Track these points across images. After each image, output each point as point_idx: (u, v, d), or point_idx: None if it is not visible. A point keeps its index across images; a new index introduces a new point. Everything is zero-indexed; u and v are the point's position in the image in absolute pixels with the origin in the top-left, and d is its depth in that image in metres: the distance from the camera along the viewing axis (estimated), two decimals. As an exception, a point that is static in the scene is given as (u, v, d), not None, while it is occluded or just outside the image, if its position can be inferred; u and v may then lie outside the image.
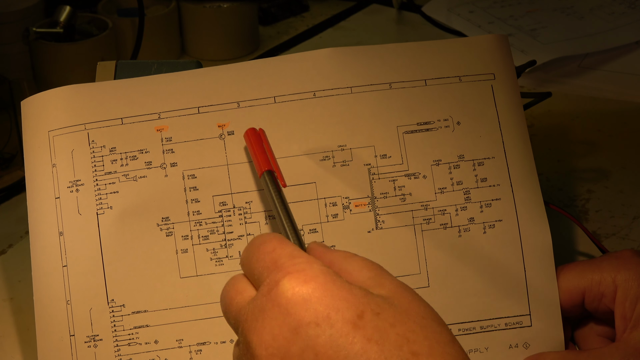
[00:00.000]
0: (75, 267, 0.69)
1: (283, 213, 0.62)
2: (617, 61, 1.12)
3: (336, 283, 0.54)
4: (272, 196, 0.63)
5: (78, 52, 1.06)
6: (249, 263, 0.58)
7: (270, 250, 0.56)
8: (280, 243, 0.57)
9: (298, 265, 0.55)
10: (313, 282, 0.53)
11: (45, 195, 0.71)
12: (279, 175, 0.64)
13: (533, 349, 0.70)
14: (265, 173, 0.64)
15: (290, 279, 0.54)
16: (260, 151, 0.66)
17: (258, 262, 0.57)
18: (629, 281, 0.67)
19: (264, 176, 0.64)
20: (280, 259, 0.56)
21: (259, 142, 0.67)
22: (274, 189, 0.63)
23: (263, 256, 0.56)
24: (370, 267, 0.57)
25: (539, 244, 0.71)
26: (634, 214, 0.88)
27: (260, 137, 0.68)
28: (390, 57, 0.73)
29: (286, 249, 0.56)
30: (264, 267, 0.56)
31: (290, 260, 0.55)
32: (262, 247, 0.57)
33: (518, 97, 0.74)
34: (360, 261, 0.57)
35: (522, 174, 0.72)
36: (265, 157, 0.66)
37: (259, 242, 0.58)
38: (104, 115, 0.71)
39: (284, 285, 0.54)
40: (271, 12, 1.25)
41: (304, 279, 0.54)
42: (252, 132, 0.68)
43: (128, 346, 0.69)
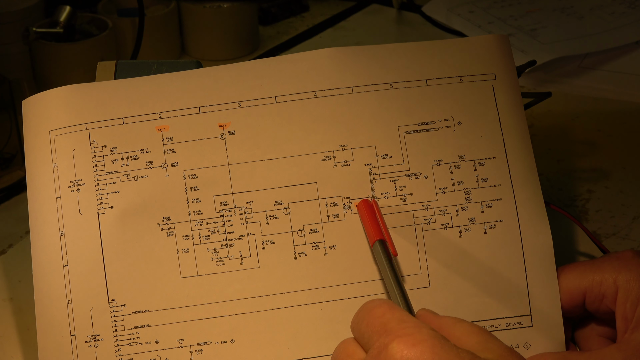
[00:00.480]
0: (76, 267, 0.69)
1: (394, 281, 0.64)
2: (617, 61, 1.12)
3: (444, 347, 0.55)
4: (385, 264, 0.66)
5: (78, 52, 1.06)
6: (358, 327, 0.60)
7: (380, 315, 0.58)
8: (390, 308, 0.59)
9: (407, 330, 0.56)
10: (421, 346, 0.55)
11: (46, 195, 0.71)
12: (390, 245, 0.67)
13: (534, 349, 0.70)
14: (377, 242, 0.67)
15: (400, 342, 0.55)
16: (373, 221, 0.68)
17: (368, 326, 0.58)
18: (630, 282, 0.67)
19: (376, 245, 0.67)
20: (390, 323, 0.57)
21: (371, 212, 0.69)
22: (385, 258, 0.66)
23: (373, 320, 0.58)
24: (478, 332, 0.58)
25: (540, 245, 0.71)
26: (634, 214, 0.88)
27: (372, 207, 0.69)
28: (391, 57, 0.73)
29: (396, 313, 0.58)
30: (374, 331, 0.58)
31: (399, 324, 0.57)
32: (372, 311, 0.59)
33: (519, 98, 0.74)
34: (469, 326, 0.59)
35: (522, 174, 0.72)
36: (378, 227, 0.68)
37: (370, 307, 0.60)
38: (105, 115, 0.71)
39: (392, 349, 0.55)
40: (271, 12, 1.25)
41: (413, 343, 0.55)
42: (365, 203, 0.70)
43: (129, 346, 0.69)
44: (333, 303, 0.69)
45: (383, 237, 0.67)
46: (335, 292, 0.70)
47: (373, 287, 0.70)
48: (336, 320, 0.69)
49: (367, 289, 0.70)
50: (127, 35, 1.12)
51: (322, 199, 0.71)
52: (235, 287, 0.70)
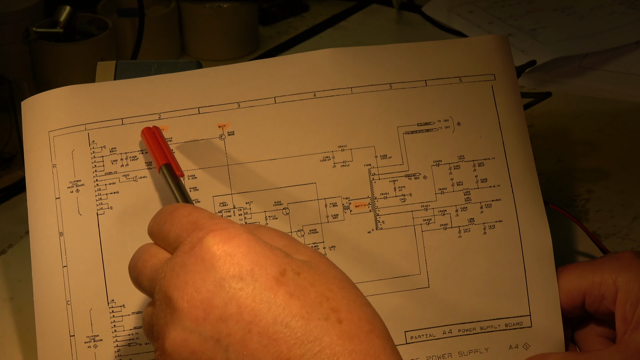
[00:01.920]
0: (76, 268, 0.69)
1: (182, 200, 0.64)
2: (617, 61, 1.12)
3: (259, 242, 0.55)
4: (172, 186, 0.65)
5: (78, 52, 1.06)
6: (160, 228, 0.59)
7: (187, 214, 0.58)
8: (195, 207, 0.59)
9: (220, 224, 0.56)
10: (237, 239, 0.55)
11: (46, 195, 0.71)
12: (175, 168, 0.66)
13: (533, 349, 0.70)
14: (163, 166, 0.67)
15: (215, 235, 0.55)
16: (157, 147, 0.68)
17: (174, 225, 0.58)
18: (630, 283, 0.67)
19: (162, 169, 0.67)
20: (200, 219, 0.57)
21: (154, 139, 0.69)
22: (172, 180, 0.66)
23: (180, 219, 0.58)
24: (283, 236, 0.58)
25: (539, 245, 0.71)
26: (634, 214, 0.88)
27: (155, 134, 0.69)
28: (390, 58, 0.73)
29: (203, 212, 0.58)
30: (182, 228, 0.57)
31: (210, 220, 0.57)
32: (176, 212, 0.58)
33: (518, 98, 0.74)
34: (273, 230, 0.59)
35: (522, 175, 0.72)
36: (162, 152, 0.68)
37: (171, 208, 0.59)
38: (105, 115, 0.71)
39: (208, 241, 0.55)
40: (271, 12, 1.25)
41: (228, 236, 0.55)
42: (147, 131, 0.69)
43: (128, 346, 0.69)
44: None
45: (167, 161, 0.67)
46: (334, 292, 0.70)
47: (373, 288, 0.70)
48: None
49: (367, 289, 0.70)
50: (127, 35, 1.12)
51: (322, 199, 0.71)
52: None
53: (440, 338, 0.70)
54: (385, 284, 0.70)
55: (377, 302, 0.70)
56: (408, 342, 0.70)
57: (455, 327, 0.70)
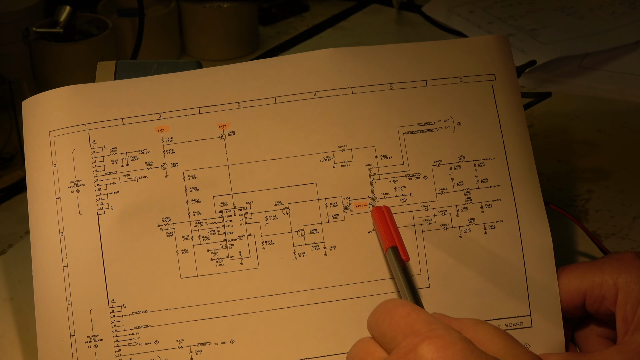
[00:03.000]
0: (76, 267, 0.69)
1: (407, 286, 0.64)
2: (617, 61, 1.12)
3: (474, 352, 0.54)
4: (397, 270, 0.65)
5: (78, 52, 1.06)
6: (378, 326, 0.58)
7: (405, 315, 0.57)
8: (414, 309, 0.58)
9: (436, 332, 0.55)
10: (452, 349, 0.54)
11: (46, 195, 0.71)
12: (401, 251, 0.66)
13: (533, 349, 0.70)
14: (389, 249, 0.66)
15: (430, 343, 0.54)
16: (385, 227, 0.68)
17: (391, 326, 0.57)
18: (631, 284, 0.67)
19: (389, 252, 0.66)
20: (417, 323, 0.56)
21: (383, 219, 0.68)
22: (397, 264, 0.65)
23: (397, 320, 0.57)
24: (502, 336, 0.57)
25: (540, 245, 0.71)
26: (634, 214, 0.88)
27: (384, 214, 0.69)
28: (390, 58, 0.73)
29: (421, 315, 0.57)
30: (399, 331, 0.56)
31: (427, 325, 0.56)
32: (394, 310, 0.58)
33: (519, 98, 0.74)
34: (491, 329, 0.57)
35: (522, 175, 0.72)
36: (390, 234, 0.67)
37: (390, 306, 0.58)
38: (105, 115, 0.71)
39: (422, 349, 0.54)
40: (271, 12, 1.25)
41: (443, 345, 0.54)
42: (377, 211, 0.69)
43: (128, 346, 0.69)
44: (333, 303, 0.69)
45: (395, 244, 0.67)
46: (334, 292, 0.70)
47: (373, 288, 0.70)
48: (336, 321, 0.69)
49: (367, 289, 0.70)
50: (127, 35, 1.12)
51: (322, 199, 0.71)
52: (235, 288, 0.70)
53: (441, 338, 0.70)
54: (386, 284, 0.70)
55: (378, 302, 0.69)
56: (408, 342, 0.70)
57: (455, 327, 0.70)
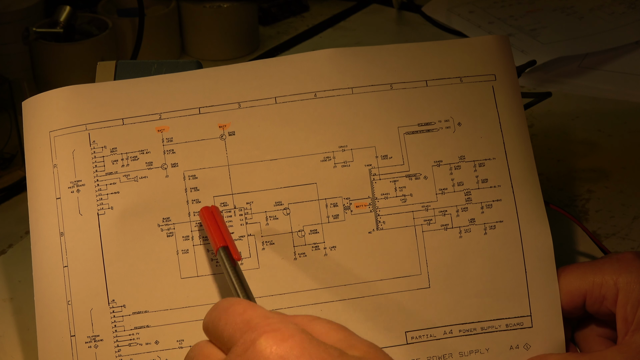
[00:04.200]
0: (76, 268, 0.69)
1: (238, 285, 0.63)
2: (617, 61, 1.12)
3: (312, 342, 0.54)
4: (228, 270, 0.64)
5: (78, 52, 1.06)
6: (215, 326, 0.57)
7: (241, 312, 0.56)
8: (250, 305, 0.57)
9: (273, 325, 0.55)
10: (290, 341, 0.54)
11: (46, 195, 0.71)
12: (232, 250, 0.65)
13: (534, 350, 0.70)
14: (220, 249, 0.66)
15: (268, 337, 0.54)
16: (215, 227, 0.67)
17: (227, 324, 0.56)
18: (631, 284, 0.67)
19: (219, 252, 0.66)
20: (254, 319, 0.55)
21: (212, 219, 0.68)
22: (228, 264, 0.65)
23: (233, 318, 0.56)
24: (338, 329, 0.57)
25: (540, 245, 0.71)
26: (634, 214, 0.88)
27: (212, 214, 0.68)
28: (391, 58, 0.73)
29: (257, 310, 0.56)
30: (236, 328, 0.56)
31: (264, 320, 0.55)
32: (230, 309, 0.57)
33: (519, 98, 0.74)
34: (328, 323, 0.57)
35: (522, 175, 0.72)
36: (219, 233, 0.66)
37: (226, 305, 0.57)
38: (105, 115, 0.71)
39: (260, 344, 0.54)
40: (271, 12, 1.25)
41: (281, 338, 0.54)
42: (205, 211, 0.68)
43: (129, 346, 0.69)
44: (333, 304, 0.69)
45: (225, 244, 0.66)
46: (335, 292, 0.70)
47: (373, 288, 0.70)
48: (336, 321, 0.69)
49: (367, 289, 0.70)
50: (127, 35, 1.12)
51: (322, 199, 0.71)
52: (235, 288, 0.70)
53: (441, 338, 0.70)
54: (386, 284, 0.70)
55: (378, 302, 0.70)
56: (409, 342, 0.70)
57: (455, 328, 0.70)
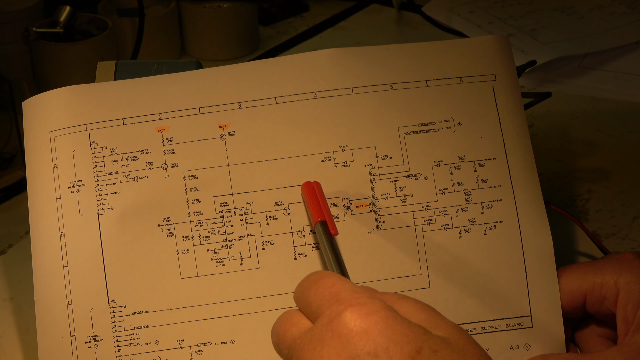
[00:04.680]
0: (76, 268, 0.69)
1: (334, 260, 0.64)
2: (617, 61, 1.12)
3: (397, 319, 0.55)
4: (325, 244, 0.65)
5: (78, 52, 1.06)
6: (304, 296, 0.59)
7: (330, 285, 0.58)
8: (340, 279, 0.58)
9: (360, 299, 0.55)
10: (375, 315, 0.54)
11: (46, 195, 0.71)
12: (330, 225, 0.66)
13: (534, 350, 0.70)
14: (318, 223, 0.66)
15: (353, 310, 0.55)
16: (315, 203, 0.68)
17: (317, 295, 0.58)
18: (631, 284, 0.67)
19: (317, 226, 0.66)
20: (342, 292, 0.57)
21: (313, 194, 0.68)
22: (326, 238, 0.66)
23: (323, 290, 0.58)
24: (424, 309, 0.57)
25: (540, 245, 0.71)
26: (634, 214, 0.88)
27: (314, 190, 0.69)
28: (391, 58, 0.73)
29: (346, 284, 0.58)
30: (324, 300, 0.57)
31: (351, 294, 0.56)
32: (320, 281, 0.58)
33: (519, 98, 0.74)
34: (414, 302, 0.58)
35: (523, 175, 0.72)
36: (319, 209, 0.67)
37: (317, 277, 0.59)
38: (105, 115, 0.71)
39: (346, 316, 0.55)
40: (271, 12, 1.25)
41: (366, 312, 0.55)
42: (307, 186, 0.69)
43: (129, 346, 0.69)
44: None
45: (324, 218, 0.67)
46: (335, 292, 0.70)
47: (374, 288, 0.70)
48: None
49: (367, 289, 0.70)
50: (127, 35, 1.12)
51: (322, 199, 0.71)
52: (235, 288, 0.70)
53: (441, 338, 0.70)
54: (386, 284, 0.70)
55: (378, 302, 0.70)
56: (409, 342, 0.70)
57: (456, 328, 0.70)
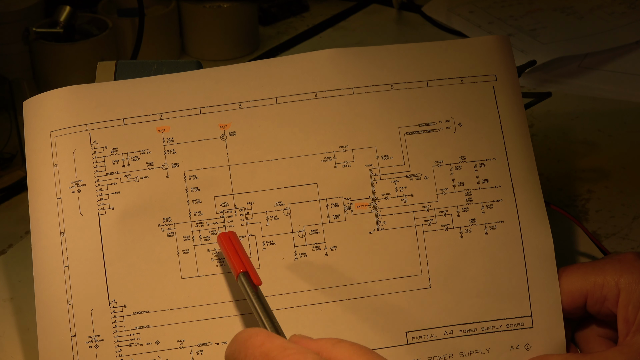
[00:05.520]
0: (77, 268, 0.69)
1: (262, 310, 0.63)
2: (617, 61, 1.12)
3: None
4: (250, 296, 0.64)
5: (78, 52, 1.06)
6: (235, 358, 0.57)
7: (259, 344, 0.56)
8: (268, 336, 0.57)
9: (291, 356, 0.54)
10: None
11: (47, 195, 0.71)
12: (253, 275, 0.65)
13: (534, 350, 0.70)
14: (240, 275, 0.65)
15: None
16: (234, 253, 0.67)
17: (247, 358, 0.56)
18: (632, 285, 0.67)
19: (239, 277, 0.65)
20: (272, 351, 0.55)
21: (230, 245, 0.67)
22: (250, 289, 0.64)
23: (252, 350, 0.56)
24: (360, 353, 0.56)
25: (540, 246, 0.71)
26: (634, 214, 0.88)
27: (230, 240, 0.68)
28: (391, 58, 0.73)
29: (275, 341, 0.56)
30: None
31: (282, 352, 0.55)
32: (249, 341, 0.57)
33: (519, 99, 0.74)
34: (349, 347, 0.56)
35: (523, 176, 0.72)
36: (239, 259, 0.66)
37: (244, 337, 0.57)
38: (106, 115, 0.71)
39: None
40: (271, 12, 1.25)
41: None
42: (223, 237, 0.68)
43: (129, 347, 0.69)
44: (334, 304, 0.69)
45: (244, 269, 0.66)
46: (335, 293, 0.70)
47: (374, 288, 0.70)
48: (337, 322, 0.69)
49: (368, 290, 0.70)
50: (127, 35, 1.12)
51: (323, 199, 0.71)
52: (236, 288, 0.70)
53: (442, 339, 0.70)
54: (387, 284, 0.70)
55: (378, 302, 0.70)
56: (409, 342, 0.70)
57: (456, 328, 0.70)
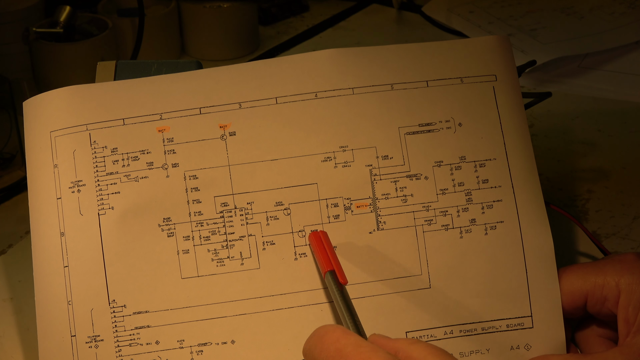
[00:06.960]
0: (77, 268, 0.69)
1: (345, 308, 0.64)
2: (617, 61, 1.12)
3: None
4: (336, 294, 0.65)
5: (78, 52, 1.06)
6: (312, 353, 0.59)
7: (334, 340, 0.57)
8: (344, 333, 0.58)
9: (364, 354, 0.55)
10: None
11: (47, 195, 0.71)
12: (339, 274, 0.66)
13: (534, 350, 0.70)
14: (327, 273, 0.66)
15: None
16: (323, 252, 0.68)
17: (322, 352, 0.58)
18: (633, 285, 0.67)
19: (327, 276, 0.66)
20: (345, 348, 0.57)
21: (320, 244, 0.68)
22: (336, 287, 0.65)
23: (327, 346, 0.57)
24: (436, 354, 0.57)
25: (540, 246, 0.71)
26: (634, 214, 0.88)
27: (320, 239, 0.69)
28: (392, 58, 0.73)
29: (350, 338, 0.57)
30: (329, 356, 0.57)
31: (355, 349, 0.56)
32: (325, 337, 0.58)
33: (520, 99, 0.74)
34: (426, 347, 0.57)
35: (523, 176, 0.72)
36: (327, 258, 0.67)
37: (322, 332, 0.59)
38: (106, 115, 0.71)
39: None
40: (271, 12, 1.25)
41: None
42: (314, 236, 0.69)
43: (129, 347, 0.69)
44: (334, 304, 0.69)
45: (332, 268, 0.67)
46: (335, 293, 0.70)
47: (374, 288, 0.70)
48: (337, 322, 0.69)
49: (368, 289, 0.70)
50: (127, 35, 1.12)
51: (323, 199, 0.71)
52: (236, 288, 0.70)
53: (442, 339, 0.70)
54: (387, 284, 0.70)
55: (378, 302, 0.70)
56: (409, 342, 0.70)
57: (456, 328, 0.70)
